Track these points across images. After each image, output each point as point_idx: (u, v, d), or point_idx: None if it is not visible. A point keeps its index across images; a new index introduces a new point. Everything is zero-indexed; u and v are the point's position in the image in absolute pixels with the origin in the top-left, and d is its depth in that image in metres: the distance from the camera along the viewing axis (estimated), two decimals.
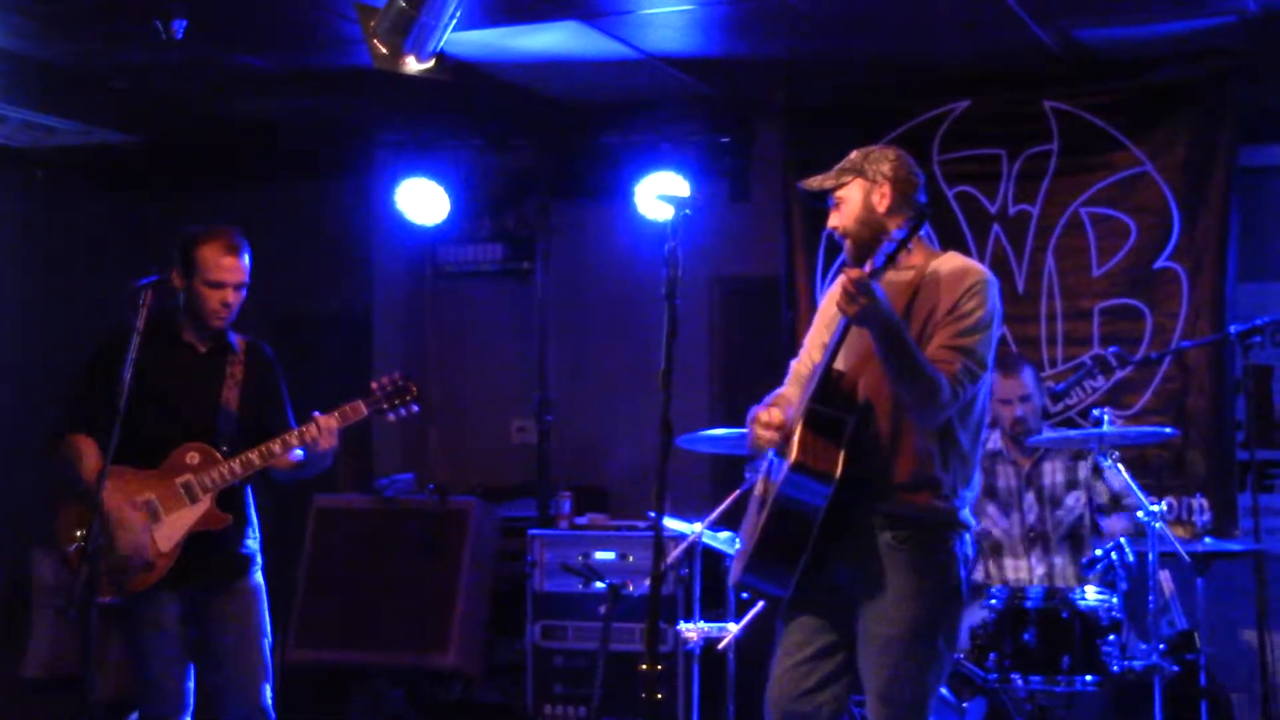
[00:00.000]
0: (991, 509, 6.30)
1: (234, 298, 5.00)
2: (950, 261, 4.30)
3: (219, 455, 4.99)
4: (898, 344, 4.03)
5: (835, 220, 4.35)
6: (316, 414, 4.99)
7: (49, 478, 4.96)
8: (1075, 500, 6.19)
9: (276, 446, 4.96)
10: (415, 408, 5.14)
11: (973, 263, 4.33)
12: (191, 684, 5.05)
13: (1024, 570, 6.20)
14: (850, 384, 4.18)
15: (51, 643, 7.85)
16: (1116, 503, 6.14)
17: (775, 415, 4.23)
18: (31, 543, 7.92)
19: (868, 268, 4.00)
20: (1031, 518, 6.20)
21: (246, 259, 5.01)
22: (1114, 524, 6.09)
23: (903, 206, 4.28)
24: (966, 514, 4.24)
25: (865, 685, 4.20)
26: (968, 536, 4.26)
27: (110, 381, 4.69)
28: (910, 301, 4.20)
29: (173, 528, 4.91)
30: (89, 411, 4.90)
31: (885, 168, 4.31)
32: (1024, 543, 6.17)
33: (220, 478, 4.95)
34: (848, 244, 4.33)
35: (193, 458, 4.97)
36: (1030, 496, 6.24)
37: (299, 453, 5.01)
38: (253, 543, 5.15)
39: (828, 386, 4.15)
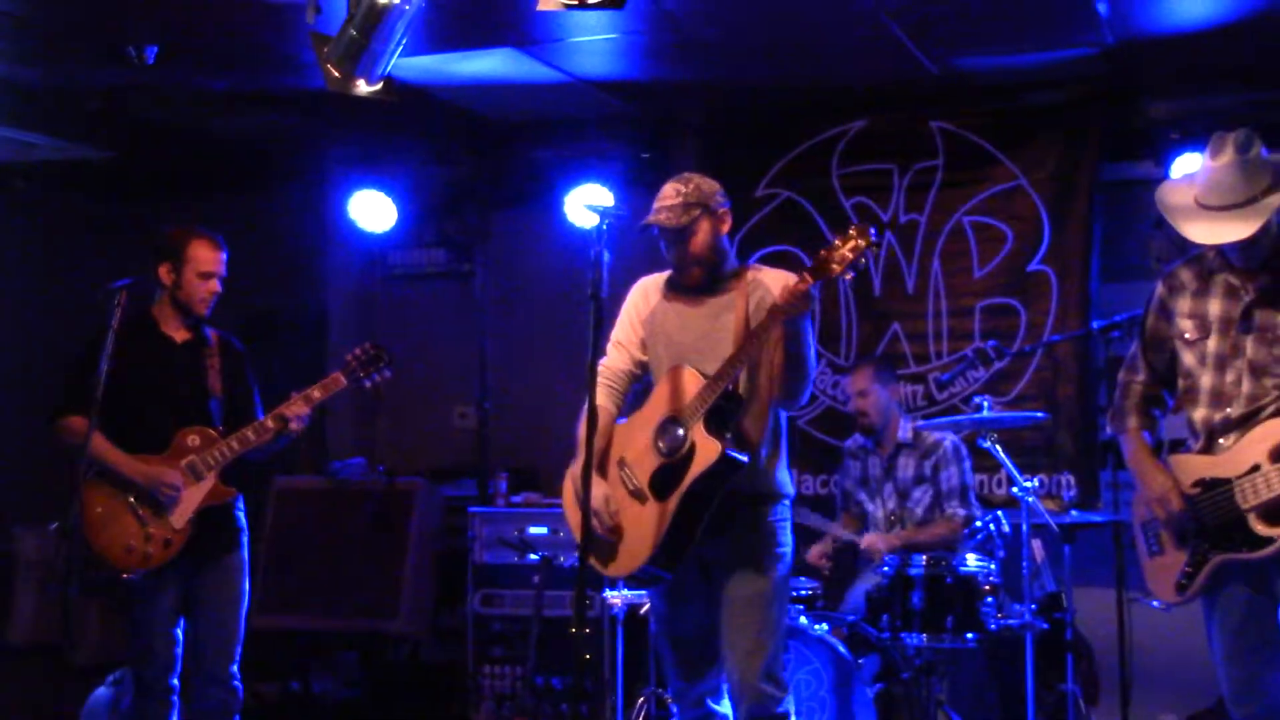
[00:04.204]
0: (862, 495, 6.41)
1: (218, 287, 5.13)
2: (765, 271, 4.50)
3: (216, 435, 5.05)
4: (803, 342, 4.19)
5: (682, 252, 4.43)
6: (294, 394, 5.07)
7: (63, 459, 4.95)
8: (923, 493, 6.27)
9: (270, 422, 5.03)
10: (388, 372, 5.19)
11: (786, 272, 4.47)
12: (180, 646, 5.10)
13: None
14: (736, 384, 4.29)
15: (34, 612, 7.79)
16: (963, 494, 6.23)
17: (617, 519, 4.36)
18: (15, 519, 7.86)
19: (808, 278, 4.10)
20: (891, 504, 6.31)
21: (225, 254, 5.17)
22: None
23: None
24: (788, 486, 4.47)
25: (732, 641, 4.30)
26: (788, 503, 4.47)
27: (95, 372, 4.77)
28: (746, 305, 4.36)
29: (185, 505, 4.97)
30: (80, 396, 4.89)
31: (719, 198, 4.45)
32: (886, 524, 6.29)
33: (222, 455, 5.02)
34: (696, 271, 4.44)
35: (194, 440, 5.04)
36: (890, 486, 6.33)
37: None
38: (241, 516, 5.20)
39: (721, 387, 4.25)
